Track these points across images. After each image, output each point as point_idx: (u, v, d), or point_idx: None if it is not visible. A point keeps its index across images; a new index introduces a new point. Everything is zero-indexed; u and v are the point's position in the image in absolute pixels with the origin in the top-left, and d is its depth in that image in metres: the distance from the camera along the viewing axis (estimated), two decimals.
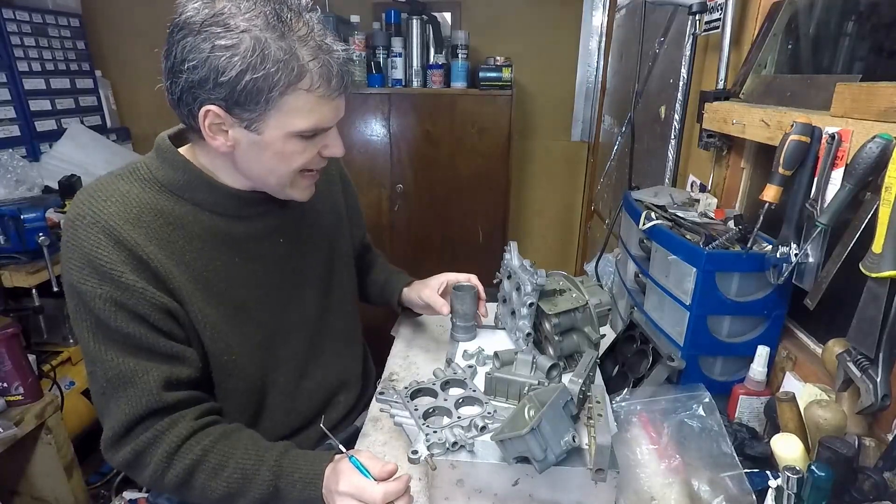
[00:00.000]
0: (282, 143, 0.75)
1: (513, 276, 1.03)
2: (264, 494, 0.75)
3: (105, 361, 0.74)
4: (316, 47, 0.71)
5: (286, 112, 0.72)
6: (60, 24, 2.44)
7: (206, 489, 0.76)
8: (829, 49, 1.03)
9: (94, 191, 0.77)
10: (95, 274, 0.72)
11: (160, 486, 0.77)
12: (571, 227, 2.94)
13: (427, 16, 2.34)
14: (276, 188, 0.83)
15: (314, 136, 0.78)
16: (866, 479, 0.63)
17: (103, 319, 0.73)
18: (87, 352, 0.75)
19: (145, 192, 0.78)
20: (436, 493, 0.73)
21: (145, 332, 0.74)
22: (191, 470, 0.75)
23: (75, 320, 0.75)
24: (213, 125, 0.73)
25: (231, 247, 0.84)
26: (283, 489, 0.74)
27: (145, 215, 0.76)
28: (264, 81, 0.68)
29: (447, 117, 2.34)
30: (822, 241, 0.76)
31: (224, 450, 0.77)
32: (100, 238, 0.73)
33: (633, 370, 0.98)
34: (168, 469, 0.75)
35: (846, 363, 0.70)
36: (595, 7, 2.56)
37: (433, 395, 0.86)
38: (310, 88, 0.71)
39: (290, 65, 0.68)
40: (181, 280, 0.78)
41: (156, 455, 0.75)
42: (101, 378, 0.75)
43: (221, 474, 0.75)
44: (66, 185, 1.90)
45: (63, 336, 1.79)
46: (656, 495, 0.74)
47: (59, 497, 1.57)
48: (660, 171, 1.47)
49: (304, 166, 0.80)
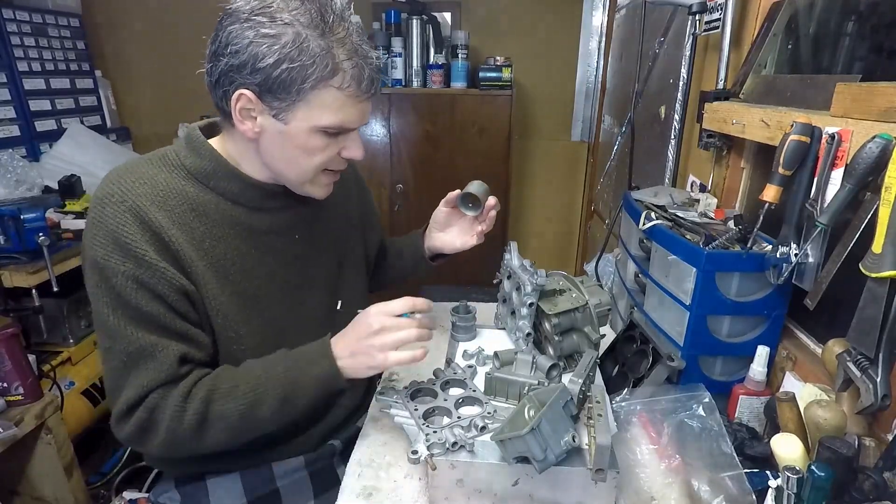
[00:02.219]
0: (305, 136, 0.77)
1: (513, 276, 1.03)
2: (283, 390, 0.79)
3: (125, 336, 0.75)
4: (352, 50, 0.74)
5: (314, 106, 0.75)
6: (60, 24, 2.44)
7: (225, 413, 0.78)
8: (829, 49, 1.03)
9: (123, 172, 0.80)
10: (119, 251, 0.74)
11: (177, 436, 0.78)
12: (571, 227, 2.94)
13: (427, 16, 2.34)
14: (295, 182, 0.85)
15: (337, 135, 0.80)
16: (866, 479, 0.63)
17: (123, 296, 0.74)
18: (105, 327, 0.76)
19: (172, 177, 0.81)
20: (436, 493, 0.73)
21: (163, 312, 0.76)
22: (206, 402, 0.77)
23: (95, 295, 0.76)
24: (243, 109, 0.76)
25: (249, 238, 0.86)
26: (299, 377, 0.80)
27: (171, 199, 0.79)
28: (299, 73, 0.71)
29: (447, 117, 2.35)
30: (822, 241, 0.76)
31: (230, 374, 0.81)
32: (126, 217, 0.75)
33: (633, 370, 0.98)
34: (184, 413, 0.77)
35: (846, 363, 0.70)
36: (595, 7, 2.56)
37: (433, 395, 0.86)
38: (340, 86, 0.74)
39: (326, 61, 0.72)
40: (199, 266, 0.80)
41: (168, 407, 0.76)
42: (121, 353, 0.76)
43: (236, 393, 0.78)
44: (66, 185, 1.90)
45: (63, 336, 1.78)
46: (656, 495, 0.74)
47: (59, 497, 1.57)
48: (660, 171, 1.47)
49: (324, 164, 0.82)
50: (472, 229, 1.09)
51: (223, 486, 0.93)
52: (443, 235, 1.12)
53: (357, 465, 0.82)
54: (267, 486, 0.95)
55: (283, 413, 0.81)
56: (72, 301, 1.77)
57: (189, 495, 0.94)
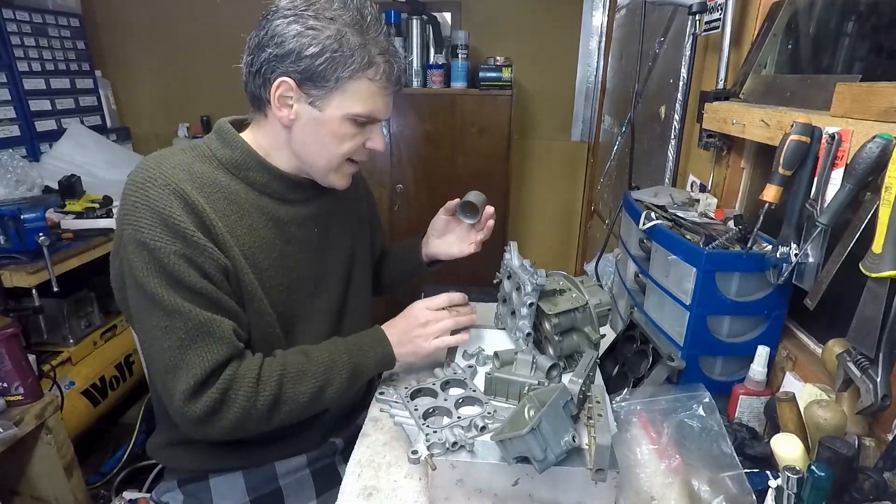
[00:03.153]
0: (338, 123, 0.83)
1: (513, 276, 1.03)
2: (349, 374, 0.88)
3: (185, 313, 0.77)
4: (384, 48, 0.82)
5: (349, 95, 0.81)
6: (60, 24, 2.44)
7: (297, 395, 0.84)
8: (829, 49, 1.03)
9: (161, 158, 0.83)
10: (168, 231, 0.76)
11: (250, 415, 0.81)
12: (571, 227, 2.94)
13: (427, 16, 2.34)
14: (322, 170, 0.89)
15: (365, 125, 0.86)
16: (866, 479, 0.63)
17: (176, 274, 0.76)
18: (161, 307, 0.77)
19: (206, 166, 0.85)
20: (436, 493, 0.73)
21: (213, 289, 0.79)
22: (279, 385, 0.82)
23: (146, 277, 0.76)
24: (282, 97, 0.81)
25: (275, 227, 0.89)
26: (362, 361, 0.90)
27: (207, 186, 0.83)
28: (339, 63, 0.78)
29: (447, 117, 2.34)
30: (822, 241, 0.76)
31: (296, 359, 0.86)
32: (171, 199, 0.77)
33: (633, 370, 0.98)
34: (258, 395, 0.81)
35: (846, 363, 0.70)
36: (595, 7, 2.56)
37: (433, 395, 0.86)
38: (373, 78, 0.81)
39: (363, 54, 0.79)
40: (234, 251, 0.83)
41: (242, 388, 0.80)
42: (181, 329, 0.77)
43: (306, 376, 0.85)
44: (66, 185, 1.90)
45: (63, 336, 1.79)
46: (656, 495, 0.74)
47: (59, 497, 1.57)
48: (660, 171, 1.47)
49: (350, 153, 0.87)
50: (469, 238, 1.12)
51: (226, 484, 0.94)
52: (440, 242, 1.14)
53: (357, 465, 0.82)
54: (269, 485, 0.95)
55: (344, 395, 0.90)
56: (72, 301, 1.77)
57: (191, 494, 0.94)
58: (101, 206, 1.88)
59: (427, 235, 1.17)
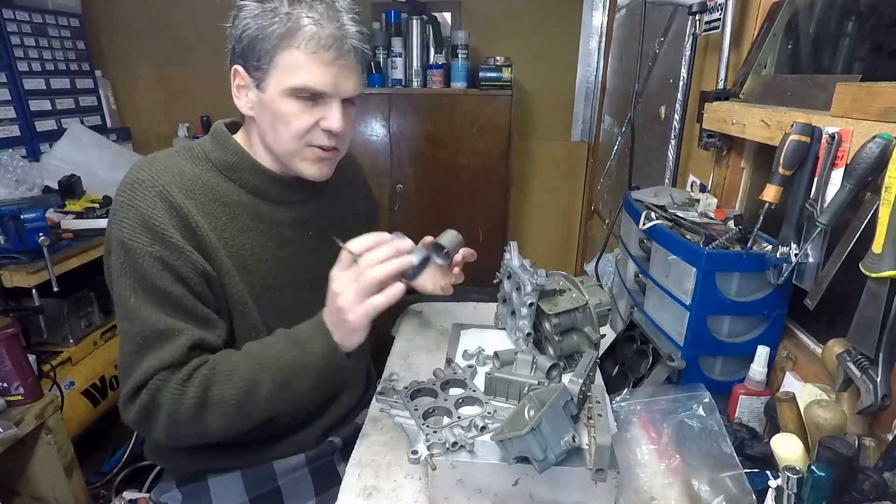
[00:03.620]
0: (279, 101, 0.80)
1: (513, 276, 1.03)
2: (280, 372, 0.78)
3: (144, 319, 0.77)
4: (320, 15, 0.77)
5: (281, 69, 0.78)
6: (60, 24, 2.44)
7: (224, 397, 0.77)
8: (829, 49, 1.03)
9: (152, 160, 0.84)
10: (148, 233, 0.77)
11: (177, 420, 0.77)
12: (571, 227, 2.94)
13: (427, 16, 2.34)
14: (287, 159, 0.86)
15: (312, 101, 0.81)
16: (866, 479, 0.63)
17: (148, 277, 0.76)
18: (126, 308, 0.78)
19: (198, 168, 0.85)
20: (436, 493, 0.73)
21: (185, 294, 0.78)
22: (204, 387, 0.76)
23: (118, 277, 0.78)
24: (239, 87, 0.83)
25: (267, 230, 0.89)
26: (298, 358, 0.78)
27: (197, 189, 0.83)
28: (263, 35, 0.76)
29: (447, 117, 2.34)
30: (822, 241, 0.76)
31: (230, 358, 0.80)
32: (156, 202, 0.78)
33: (633, 370, 0.98)
34: (183, 397, 0.76)
35: (846, 363, 0.70)
36: (595, 7, 2.56)
37: (433, 395, 0.86)
38: (300, 45, 0.76)
39: (285, 21, 0.76)
40: (221, 254, 0.82)
41: (169, 390, 0.76)
42: (137, 335, 0.77)
43: (234, 376, 0.77)
44: (66, 185, 1.90)
45: (63, 336, 1.78)
46: (656, 495, 0.74)
47: (59, 497, 1.57)
48: (660, 171, 1.47)
49: (303, 134, 0.82)
50: (445, 277, 1.04)
51: (224, 484, 0.94)
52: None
53: (357, 465, 0.82)
54: (268, 485, 0.95)
55: (283, 396, 0.79)
56: (72, 301, 1.77)
57: (190, 494, 0.94)
58: (101, 206, 1.88)
59: None
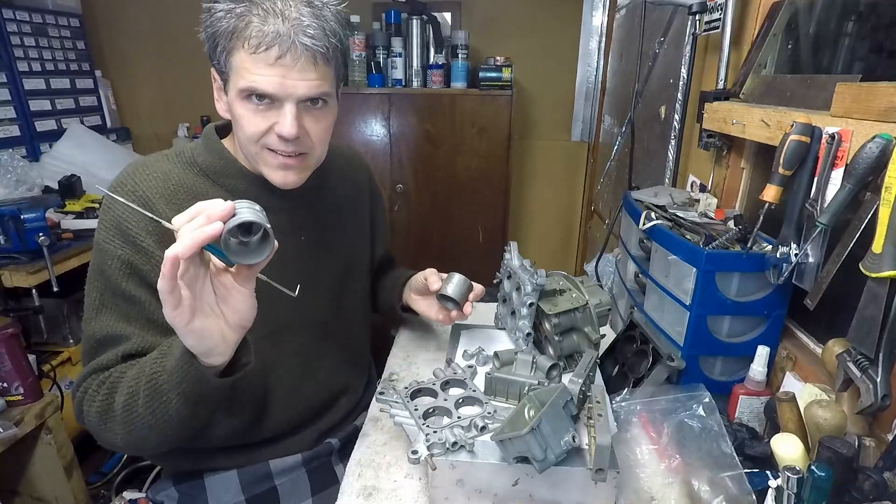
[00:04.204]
0: (235, 104, 0.78)
1: (513, 276, 1.03)
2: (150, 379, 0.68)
3: (102, 322, 0.78)
4: (267, 11, 0.72)
5: (234, 71, 0.76)
6: (60, 24, 2.44)
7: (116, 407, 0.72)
8: (829, 49, 1.03)
9: (139, 165, 0.84)
10: (120, 237, 0.78)
11: (92, 425, 0.77)
12: (571, 227, 2.94)
13: (427, 16, 2.34)
14: (254, 164, 0.84)
15: (265, 105, 0.76)
16: (866, 479, 0.63)
17: (114, 280, 0.77)
18: (89, 310, 0.79)
19: (185, 173, 0.85)
20: (436, 493, 0.73)
21: (150, 300, 0.78)
22: (106, 396, 0.73)
23: (90, 279, 0.80)
24: (218, 89, 0.82)
25: None
26: (159, 368, 0.68)
27: (180, 194, 0.82)
28: (216, 35, 0.75)
29: (447, 117, 2.34)
30: (822, 241, 0.76)
31: (125, 368, 0.75)
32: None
33: (633, 370, 0.98)
34: (93, 401, 0.75)
35: (846, 363, 0.70)
36: (595, 7, 2.56)
37: (433, 395, 0.86)
38: (245, 45, 0.73)
39: (230, 22, 0.73)
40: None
41: (89, 393, 0.76)
42: (92, 338, 0.79)
43: (119, 386, 0.73)
44: (66, 185, 1.90)
45: (63, 336, 1.78)
46: (656, 495, 0.74)
47: (59, 497, 1.57)
48: (660, 171, 1.47)
49: (257, 138, 0.79)
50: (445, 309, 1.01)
51: (221, 483, 0.93)
52: (419, 300, 1.07)
53: (357, 465, 0.82)
54: (264, 484, 0.95)
55: (159, 410, 0.69)
56: (72, 301, 1.77)
57: (187, 493, 0.94)
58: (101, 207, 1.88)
59: (408, 283, 1.10)
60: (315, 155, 0.84)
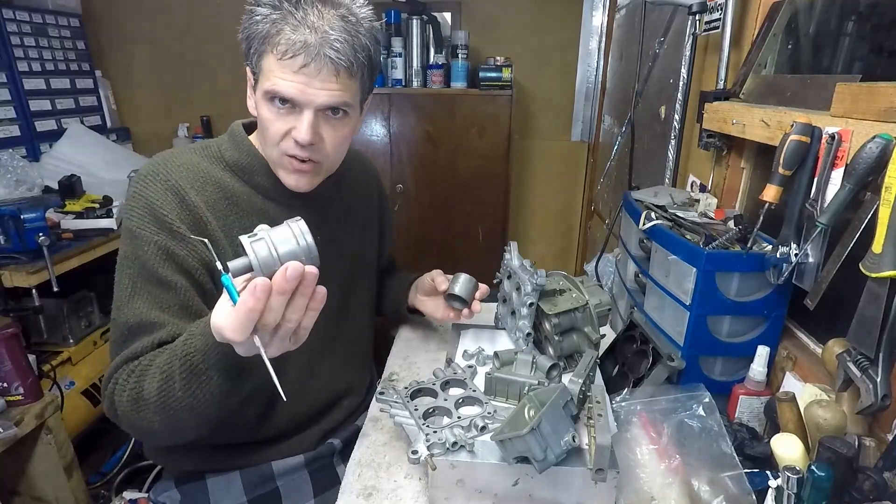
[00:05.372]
0: (261, 105, 0.81)
1: (513, 276, 1.03)
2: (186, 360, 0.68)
3: (136, 308, 0.77)
4: (300, 21, 0.75)
5: (263, 73, 0.79)
6: (60, 24, 2.44)
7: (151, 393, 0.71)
8: (829, 49, 1.03)
9: (168, 156, 0.85)
10: (155, 223, 0.79)
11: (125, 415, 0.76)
12: (571, 227, 2.94)
13: (427, 16, 2.34)
14: (272, 165, 0.87)
15: (287, 110, 0.79)
16: (866, 479, 0.63)
17: (149, 265, 0.78)
18: (121, 297, 0.79)
19: (212, 166, 0.86)
20: (436, 493, 0.73)
21: (186, 286, 0.79)
22: (138, 381, 0.73)
23: (121, 266, 0.80)
24: (250, 87, 0.84)
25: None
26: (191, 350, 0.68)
27: (208, 186, 0.84)
28: (251, 38, 0.78)
29: (447, 117, 2.34)
30: (822, 241, 0.76)
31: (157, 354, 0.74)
32: (167, 195, 0.80)
33: (633, 370, 0.98)
34: (125, 389, 0.75)
35: (846, 363, 0.70)
36: (595, 7, 2.56)
37: (433, 395, 0.86)
38: (274, 51, 0.76)
39: (265, 27, 0.76)
40: (228, 252, 0.83)
41: (121, 382, 0.76)
42: (125, 326, 0.78)
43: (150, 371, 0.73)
44: (66, 185, 1.90)
45: (63, 336, 1.79)
46: (656, 495, 0.74)
47: (59, 497, 1.57)
48: (660, 171, 1.47)
49: (277, 140, 0.81)
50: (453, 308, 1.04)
51: (223, 484, 0.94)
52: (426, 301, 1.10)
53: (357, 465, 0.82)
54: (267, 485, 0.95)
55: (198, 392, 0.69)
56: (72, 301, 1.77)
57: (189, 494, 0.94)
58: (101, 206, 1.88)
59: (415, 284, 1.13)
60: (329, 163, 0.86)
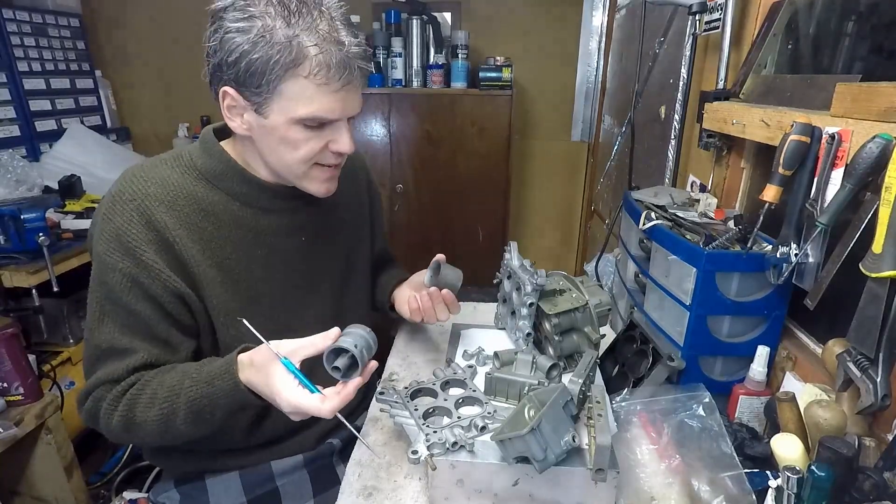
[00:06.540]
0: (285, 129, 0.76)
1: (513, 276, 1.03)
2: (191, 405, 0.76)
3: (105, 333, 0.79)
4: (322, 37, 0.72)
5: (288, 98, 0.74)
6: (60, 24, 2.44)
7: (146, 421, 0.78)
8: (829, 49, 1.03)
9: (138, 171, 0.82)
10: (120, 248, 0.77)
11: (111, 431, 0.81)
12: (571, 227, 2.94)
13: (427, 16, 2.34)
14: (292, 179, 0.84)
15: (320, 127, 0.78)
16: (866, 479, 0.63)
17: (115, 292, 0.77)
18: (90, 318, 0.80)
19: (184, 178, 0.83)
20: (436, 493, 0.73)
21: (151, 313, 0.79)
22: (129, 407, 0.78)
23: (91, 289, 0.80)
24: (230, 107, 0.78)
25: (255, 238, 0.87)
26: (206, 392, 0.75)
27: (180, 200, 0.81)
28: (265, 64, 0.71)
29: (447, 117, 2.35)
30: (822, 241, 0.76)
31: (157, 381, 0.79)
32: (133, 216, 0.78)
33: (633, 370, 0.98)
34: (113, 413, 0.79)
35: (846, 363, 0.70)
36: (595, 7, 2.56)
37: (433, 395, 0.86)
38: (308, 75, 0.72)
39: (289, 49, 0.70)
40: (204, 266, 0.81)
41: (105, 403, 0.79)
42: (95, 347, 0.80)
43: (155, 402, 0.77)
44: (66, 185, 1.90)
45: (63, 336, 1.78)
46: (656, 495, 0.74)
47: (59, 497, 1.57)
48: (660, 171, 1.47)
49: (311, 158, 0.80)
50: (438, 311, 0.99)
51: (222, 485, 0.94)
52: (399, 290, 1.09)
53: (357, 465, 0.82)
54: (266, 486, 0.95)
55: (200, 426, 0.78)
56: (72, 301, 1.77)
57: (188, 494, 0.94)
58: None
59: (405, 284, 1.10)
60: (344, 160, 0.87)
